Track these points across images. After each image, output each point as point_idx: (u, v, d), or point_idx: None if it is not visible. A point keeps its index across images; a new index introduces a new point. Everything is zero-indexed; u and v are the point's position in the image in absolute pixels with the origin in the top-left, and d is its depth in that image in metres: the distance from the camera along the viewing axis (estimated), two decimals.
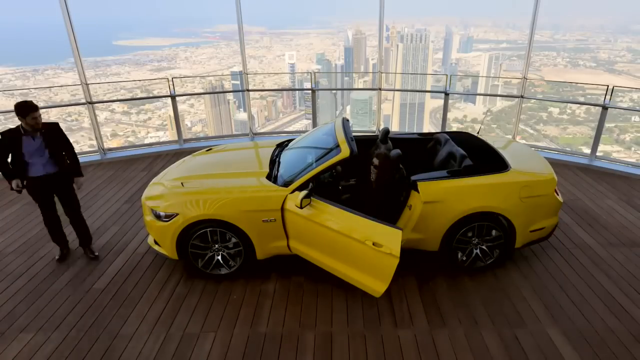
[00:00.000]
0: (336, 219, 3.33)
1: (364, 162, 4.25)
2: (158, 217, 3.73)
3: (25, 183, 3.80)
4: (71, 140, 4.16)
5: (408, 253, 3.92)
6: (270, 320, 3.42)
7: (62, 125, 4.06)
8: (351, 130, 4.01)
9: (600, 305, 3.54)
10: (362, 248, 3.17)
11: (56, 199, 4.06)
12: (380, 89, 7.78)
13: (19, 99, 3.64)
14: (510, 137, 7.22)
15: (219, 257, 3.83)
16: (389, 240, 3.03)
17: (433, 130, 9.44)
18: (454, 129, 7.39)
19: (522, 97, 7.06)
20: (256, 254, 3.77)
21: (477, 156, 4.13)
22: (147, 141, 11.56)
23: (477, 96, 22.02)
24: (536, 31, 6.68)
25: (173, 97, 7.22)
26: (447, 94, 7.27)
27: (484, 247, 3.87)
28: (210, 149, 5.00)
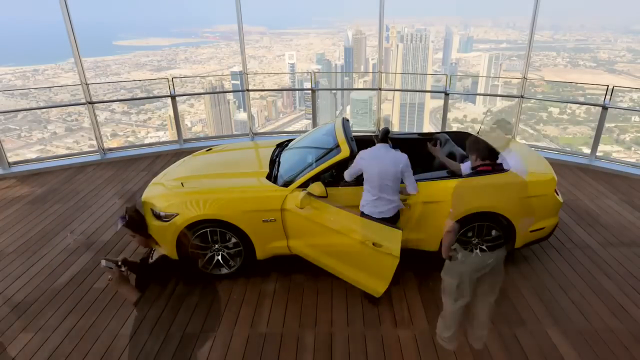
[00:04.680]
0: (336, 219, 3.33)
1: None
2: (158, 217, 3.73)
3: None
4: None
5: (408, 253, 3.92)
6: (270, 320, 3.42)
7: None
8: (351, 130, 4.02)
9: (600, 305, 3.54)
10: (362, 248, 3.17)
11: None
12: (380, 89, 7.78)
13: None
14: (510, 137, 7.22)
15: (219, 257, 3.82)
16: (389, 240, 3.03)
17: (433, 130, 9.45)
18: (454, 129, 7.39)
19: (522, 97, 7.06)
20: (256, 254, 3.77)
21: None
22: (147, 141, 11.56)
23: (477, 96, 22.00)
24: (536, 31, 6.68)
25: (173, 97, 7.22)
26: (447, 94, 7.27)
27: (484, 247, 3.87)
28: (210, 149, 5.00)
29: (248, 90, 7.71)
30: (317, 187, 3.44)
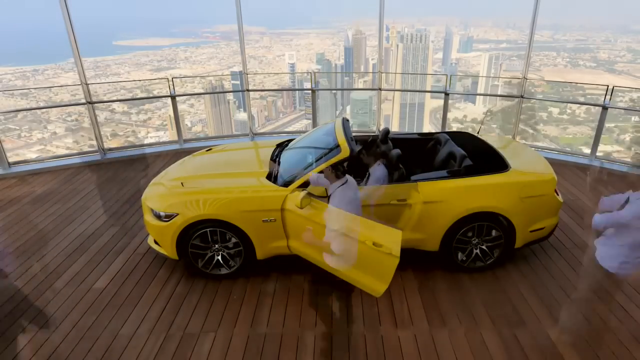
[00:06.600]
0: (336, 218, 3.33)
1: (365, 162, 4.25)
2: (158, 217, 3.73)
3: None
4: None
5: (408, 253, 3.92)
6: (270, 320, 3.42)
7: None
8: (351, 130, 4.02)
9: (600, 305, 3.54)
10: (362, 248, 3.17)
11: None
12: (380, 89, 7.78)
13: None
14: (510, 137, 7.22)
15: (219, 257, 3.83)
16: (389, 240, 3.03)
17: (433, 130, 9.45)
18: (454, 129, 7.39)
19: (522, 97, 7.06)
20: (256, 254, 3.77)
21: (477, 156, 4.14)
22: (147, 141, 11.55)
23: (477, 96, 22.00)
24: (536, 31, 6.68)
25: (173, 97, 7.22)
26: (447, 94, 7.27)
27: (484, 247, 3.87)
28: (210, 149, 5.01)
29: (248, 90, 7.70)
30: (317, 187, 3.45)
